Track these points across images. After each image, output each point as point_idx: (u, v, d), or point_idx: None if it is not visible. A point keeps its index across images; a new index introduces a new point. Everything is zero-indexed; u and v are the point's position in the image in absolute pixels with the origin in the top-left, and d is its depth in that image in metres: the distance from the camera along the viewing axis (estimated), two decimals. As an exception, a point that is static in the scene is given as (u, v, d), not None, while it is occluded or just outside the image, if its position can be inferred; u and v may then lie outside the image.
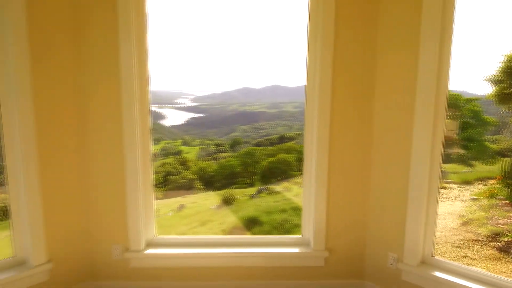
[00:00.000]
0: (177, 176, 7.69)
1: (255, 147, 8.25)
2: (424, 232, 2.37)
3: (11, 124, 2.17)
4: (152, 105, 2.54)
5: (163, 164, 7.93)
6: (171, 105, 8.69)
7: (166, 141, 8.28)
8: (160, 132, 8.33)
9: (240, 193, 7.26)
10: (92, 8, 2.30)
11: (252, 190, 7.36)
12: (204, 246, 2.67)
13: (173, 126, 8.74)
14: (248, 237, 2.86)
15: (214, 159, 8.30)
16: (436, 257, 2.42)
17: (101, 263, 2.58)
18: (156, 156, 7.84)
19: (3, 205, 2.35)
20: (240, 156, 8.00)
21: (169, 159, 7.97)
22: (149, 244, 2.64)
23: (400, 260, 2.46)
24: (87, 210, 2.52)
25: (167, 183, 7.62)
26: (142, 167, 2.51)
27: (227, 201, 6.78)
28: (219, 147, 8.61)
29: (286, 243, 2.72)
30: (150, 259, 2.58)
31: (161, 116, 8.37)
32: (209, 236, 2.77)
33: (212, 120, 9.11)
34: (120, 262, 2.57)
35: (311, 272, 2.66)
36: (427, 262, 2.41)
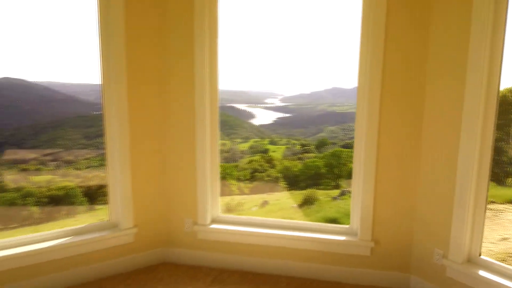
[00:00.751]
0: (263, 174, 8.01)
1: (342, 149, 8.16)
2: (471, 230, 2.30)
3: (111, 114, 2.73)
4: (243, 105, 2.88)
5: (251, 162, 8.36)
6: (261, 105, 9.15)
7: (254, 139, 8.72)
8: (249, 130, 8.83)
9: (323, 194, 7.29)
10: (174, 17, 2.75)
11: (335, 192, 7.34)
12: (262, 227, 2.91)
13: (262, 125, 9.15)
14: (302, 222, 3.00)
15: (300, 159, 8.47)
16: (483, 256, 2.31)
17: (176, 233, 3.02)
18: (244, 153, 8.35)
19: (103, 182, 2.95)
20: (326, 157, 7.98)
21: (256, 157, 8.35)
22: (214, 221, 2.99)
23: (445, 256, 2.41)
24: (167, 188, 2.97)
25: (254, 179, 8.00)
26: (210, 156, 2.88)
27: (309, 201, 6.87)
28: (305, 147, 8.76)
29: (336, 231, 2.80)
30: (213, 233, 2.92)
31: (251, 115, 8.87)
32: (267, 219, 2.99)
33: (300, 120, 9.29)
34: (190, 234, 2.97)
35: (357, 261, 2.72)
36: (473, 261, 2.33)
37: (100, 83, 2.70)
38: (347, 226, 2.81)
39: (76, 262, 2.66)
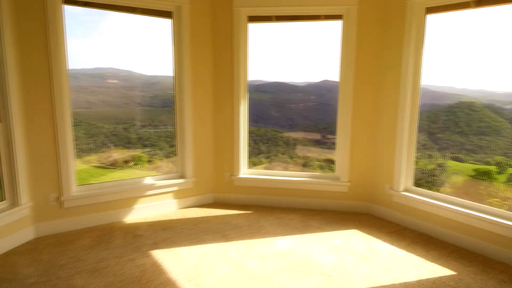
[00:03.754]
0: None
1: None
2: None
3: (342, 104, 4.16)
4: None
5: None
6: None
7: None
8: None
9: None
10: (390, 35, 3.81)
11: None
12: (445, 202, 3.50)
13: None
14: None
15: None
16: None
17: (377, 193, 4.09)
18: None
19: (330, 158, 4.38)
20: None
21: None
22: (406, 190, 3.84)
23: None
24: (374, 158, 4.08)
25: None
26: (407, 140, 3.76)
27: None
28: None
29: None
30: (404, 199, 3.78)
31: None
32: (449, 196, 3.50)
33: None
34: (388, 196, 3.97)
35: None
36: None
37: (338, 80, 4.15)
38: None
39: (310, 194, 4.30)
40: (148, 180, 4.11)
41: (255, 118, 4.75)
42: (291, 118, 4.83)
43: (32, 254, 3.13)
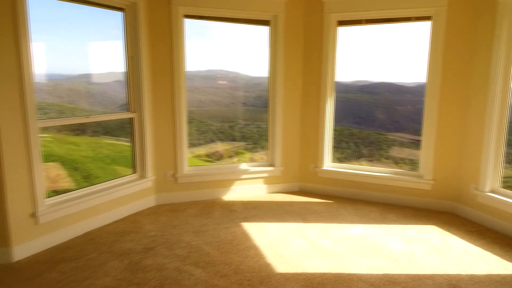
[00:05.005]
0: None
1: None
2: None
3: (429, 105, 4.24)
4: None
5: None
6: None
7: None
8: None
9: None
10: (479, 43, 3.79)
11: None
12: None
13: None
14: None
15: None
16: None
17: (463, 193, 4.07)
18: None
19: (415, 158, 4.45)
20: None
21: None
22: (492, 191, 3.77)
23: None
24: (460, 157, 4.09)
25: None
26: (495, 137, 3.70)
27: None
28: None
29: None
30: (490, 200, 3.73)
31: None
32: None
33: None
34: (472, 196, 3.93)
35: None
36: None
37: (426, 81, 4.23)
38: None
39: (391, 190, 4.47)
40: (244, 166, 4.79)
41: (357, 119, 4.94)
42: (397, 121, 4.75)
43: (153, 216, 4.03)
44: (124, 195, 3.98)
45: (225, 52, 4.72)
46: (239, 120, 4.99)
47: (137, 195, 4.15)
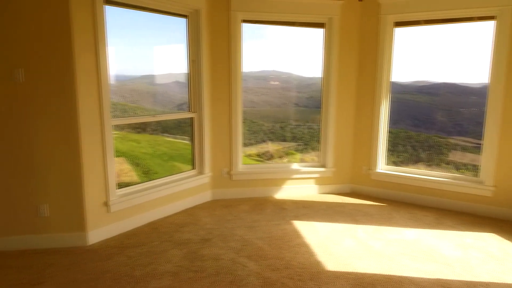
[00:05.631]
0: None
1: None
2: None
3: (493, 109, 4.04)
4: None
5: None
6: None
7: None
8: None
9: None
10: None
11: None
12: None
13: None
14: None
15: None
16: None
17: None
18: None
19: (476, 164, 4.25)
20: None
21: None
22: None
23: None
24: (528, 165, 3.88)
25: None
26: None
27: None
28: None
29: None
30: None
31: None
32: None
33: None
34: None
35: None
36: None
37: (488, 82, 4.05)
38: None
39: (447, 195, 4.33)
40: (295, 166, 4.90)
41: (415, 122, 4.81)
42: (460, 124, 4.53)
43: (209, 210, 4.28)
44: (183, 190, 4.27)
45: (278, 53, 4.86)
46: (290, 121, 5.10)
47: (195, 190, 4.43)
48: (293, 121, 5.10)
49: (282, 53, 4.87)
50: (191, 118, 4.40)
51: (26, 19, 3.00)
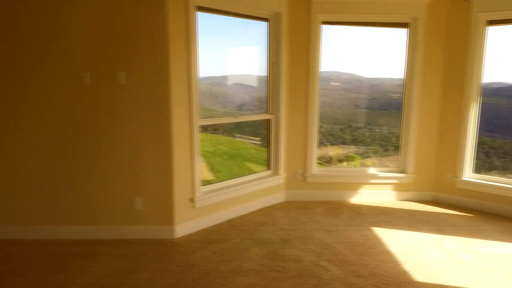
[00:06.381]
0: None
1: None
2: None
3: None
4: None
5: None
6: None
7: None
8: None
9: None
10: None
11: None
12: None
13: None
14: None
15: None
16: None
17: None
18: None
19: None
20: None
21: None
22: None
23: None
24: None
25: None
26: None
27: None
28: None
29: None
30: None
31: None
32: None
33: None
34: None
35: None
36: None
37: None
38: None
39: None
40: (372, 171, 4.75)
41: (489, 126, 4.50)
42: None
43: (284, 211, 4.31)
44: (259, 189, 4.35)
45: (342, 53, 4.72)
46: (351, 123, 4.96)
47: (270, 190, 4.49)
48: (353, 123, 4.95)
49: (345, 53, 4.72)
50: (268, 120, 4.47)
51: (129, 26, 3.26)
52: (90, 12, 3.20)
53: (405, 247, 3.41)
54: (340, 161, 4.96)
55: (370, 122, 4.93)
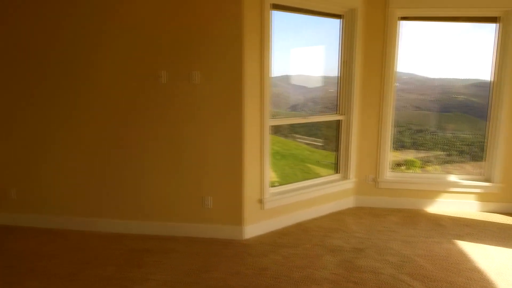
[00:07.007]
0: None
1: None
2: None
3: None
4: None
5: None
6: None
7: None
8: None
9: None
10: None
11: None
12: None
13: None
14: None
15: None
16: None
17: None
18: None
19: None
20: None
21: None
22: None
23: None
24: None
25: None
26: None
27: None
28: None
29: None
30: None
31: None
32: None
33: None
34: None
35: None
36: None
37: None
38: None
39: None
40: (452, 178, 4.37)
41: None
42: None
43: (355, 218, 4.10)
44: (327, 193, 4.18)
45: (401, 52, 4.32)
46: (410, 126, 4.56)
47: (338, 194, 4.30)
48: (413, 125, 4.55)
49: (406, 52, 4.31)
50: (338, 121, 4.28)
51: (204, 25, 3.26)
52: (164, 10, 3.26)
53: (496, 264, 3.06)
54: (398, 165, 4.60)
55: (431, 124, 4.53)
